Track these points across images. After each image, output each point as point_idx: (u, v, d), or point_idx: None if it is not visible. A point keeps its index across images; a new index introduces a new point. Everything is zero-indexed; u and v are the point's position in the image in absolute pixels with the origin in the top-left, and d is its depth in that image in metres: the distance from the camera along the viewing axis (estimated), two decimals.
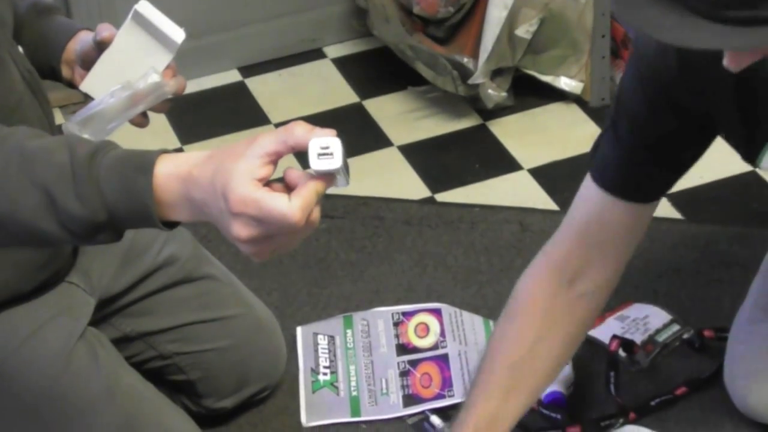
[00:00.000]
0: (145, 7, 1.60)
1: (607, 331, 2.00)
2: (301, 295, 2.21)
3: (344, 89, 2.80)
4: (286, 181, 1.21)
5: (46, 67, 1.67)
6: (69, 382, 1.69)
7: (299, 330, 2.13)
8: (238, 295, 1.95)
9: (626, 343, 1.98)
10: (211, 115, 2.74)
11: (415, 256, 2.28)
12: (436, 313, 2.12)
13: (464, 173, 2.53)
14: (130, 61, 1.59)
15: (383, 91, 2.77)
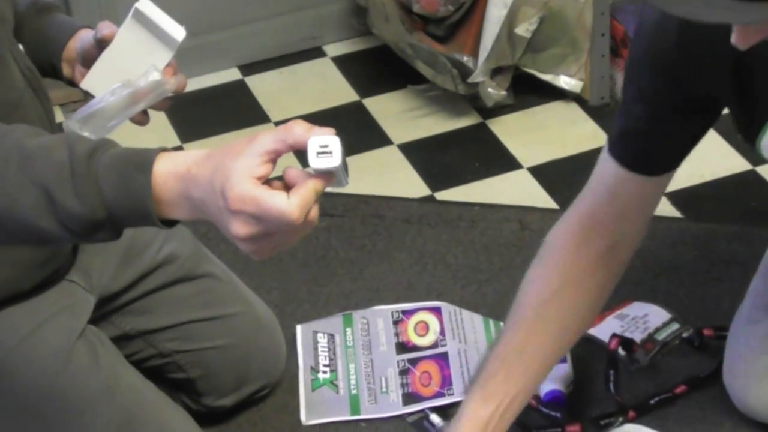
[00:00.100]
0: (145, 5, 1.60)
1: (606, 330, 2.00)
2: (300, 294, 2.21)
3: (344, 88, 2.80)
4: (285, 180, 1.21)
5: (46, 65, 1.67)
6: (69, 380, 1.68)
7: (299, 328, 2.13)
8: (238, 293, 1.95)
9: (626, 342, 1.97)
10: (211, 113, 2.74)
11: (414, 255, 2.28)
12: (436, 312, 2.12)
13: (464, 172, 2.53)
14: (131, 59, 1.59)
15: (383, 90, 2.77)
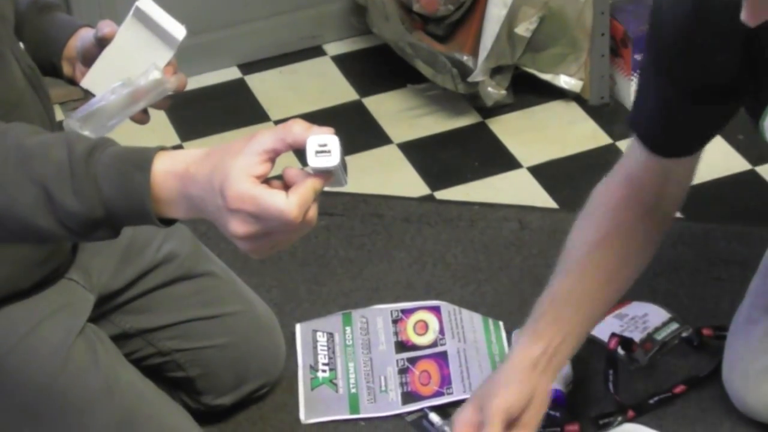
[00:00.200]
0: (146, 4, 1.60)
1: (606, 329, 2.00)
2: (300, 293, 2.21)
3: (344, 87, 2.80)
4: (285, 180, 1.21)
5: (47, 64, 1.67)
6: (68, 379, 1.68)
7: (298, 327, 2.13)
8: (238, 292, 1.95)
9: (625, 342, 1.97)
10: (210, 112, 2.74)
11: (414, 254, 2.28)
12: (435, 311, 2.12)
13: (463, 171, 2.53)
14: (131, 57, 1.59)
15: (383, 89, 2.77)
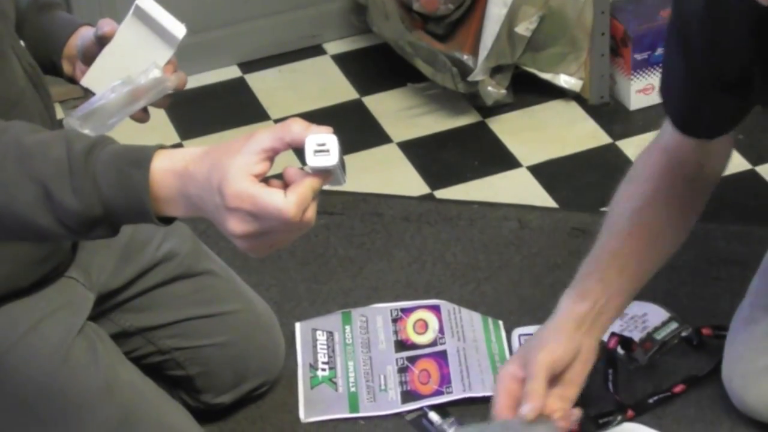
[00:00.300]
0: (146, 3, 1.60)
1: None
2: (299, 291, 2.21)
3: (344, 86, 2.80)
4: (285, 180, 1.21)
5: (47, 62, 1.67)
6: (67, 377, 1.68)
7: (298, 326, 2.13)
8: (237, 290, 1.95)
9: (625, 341, 1.97)
10: (210, 110, 2.74)
11: (413, 253, 2.28)
12: (435, 310, 2.12)
13: (463, 170, 2.53)
14: (131, 56, 1.59)
15: (383, 88, 2.77)
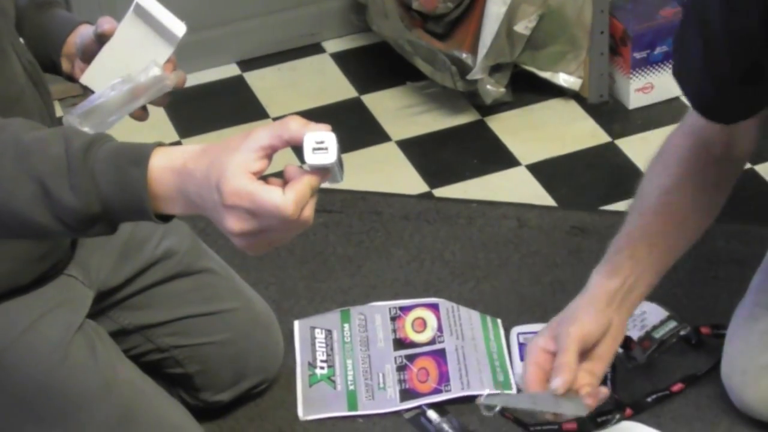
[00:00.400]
0: (146, 1, 1.60)
1: None
2: (298, 289, 2.21)
3: (343, 84, 2.80)
4: (285, 178, 1.21)
5: (46, 60, 1.67)
6: (66, 375, 1.68)
7: (296, 324, 2.13)
8: (236, 288, 1.95)
9: (623, 340, 1.97)
10: (209, 108, 2.74)
11: (412, 251, 2.28)
12: (434, 308, 2.12)
13: (462, 169, 2.53)
14: (131, 54, 1.59)
15: (382, 86, 2.77)
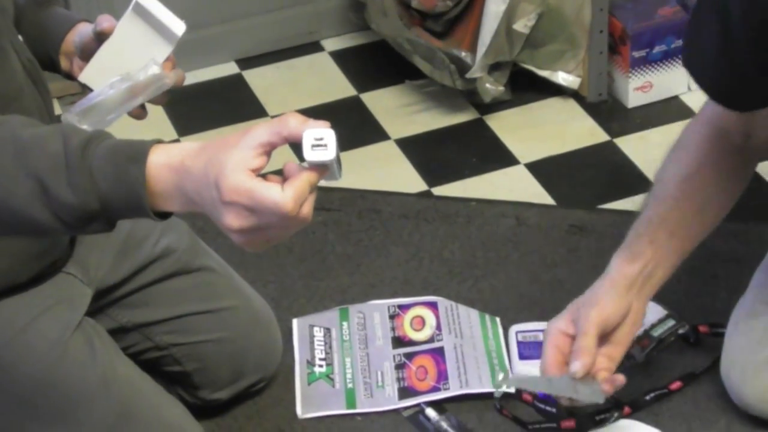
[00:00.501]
0: None
1: None
2: (297, 287, 2.21)
3: (342, 82, 2.80)
4: (284, 175, 1.22)
5: (44, 58, 1.67)
6: (65, 373, 1.68)
7: (295, 322, 2.13)
8: (235, 286, 1.95)
9: None
10: (208, 107, 2.74)
11: (411, 250, 2.28)
12: (432, 307, 2.12)
13: (461, 167, 2.53)
14: (130, 52, 1.58)
15: (380, 85, 2.77)
